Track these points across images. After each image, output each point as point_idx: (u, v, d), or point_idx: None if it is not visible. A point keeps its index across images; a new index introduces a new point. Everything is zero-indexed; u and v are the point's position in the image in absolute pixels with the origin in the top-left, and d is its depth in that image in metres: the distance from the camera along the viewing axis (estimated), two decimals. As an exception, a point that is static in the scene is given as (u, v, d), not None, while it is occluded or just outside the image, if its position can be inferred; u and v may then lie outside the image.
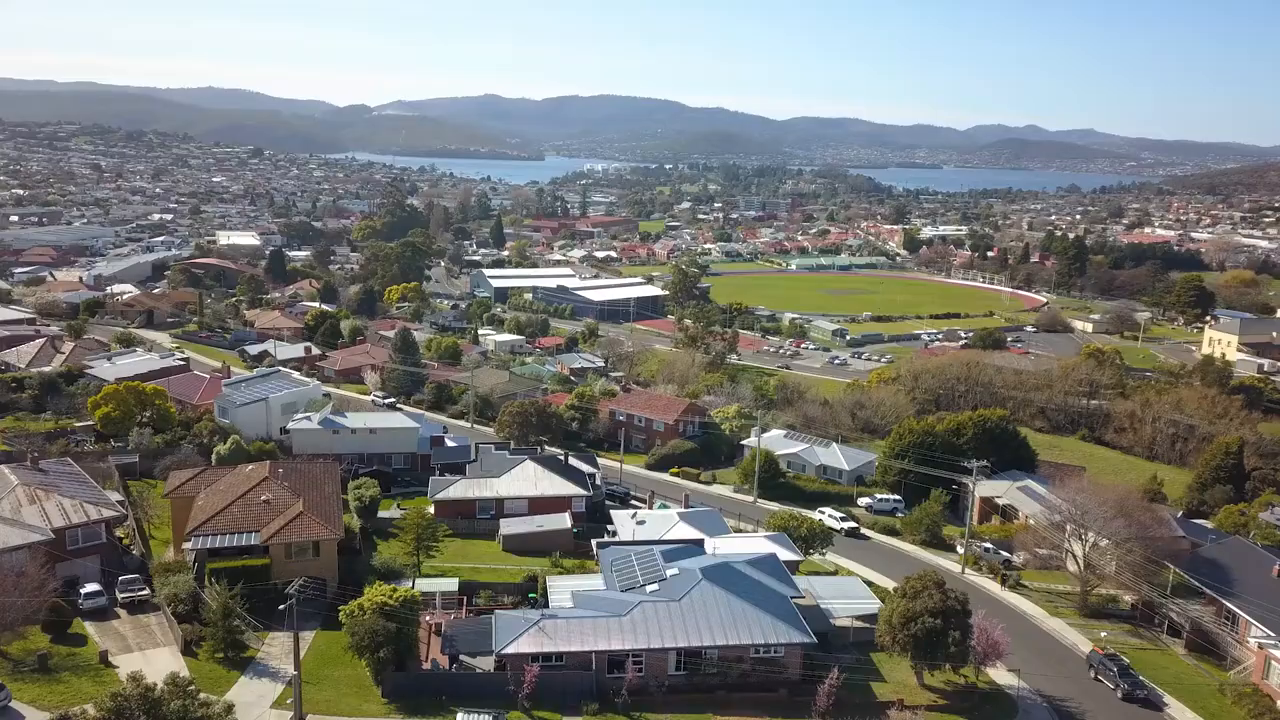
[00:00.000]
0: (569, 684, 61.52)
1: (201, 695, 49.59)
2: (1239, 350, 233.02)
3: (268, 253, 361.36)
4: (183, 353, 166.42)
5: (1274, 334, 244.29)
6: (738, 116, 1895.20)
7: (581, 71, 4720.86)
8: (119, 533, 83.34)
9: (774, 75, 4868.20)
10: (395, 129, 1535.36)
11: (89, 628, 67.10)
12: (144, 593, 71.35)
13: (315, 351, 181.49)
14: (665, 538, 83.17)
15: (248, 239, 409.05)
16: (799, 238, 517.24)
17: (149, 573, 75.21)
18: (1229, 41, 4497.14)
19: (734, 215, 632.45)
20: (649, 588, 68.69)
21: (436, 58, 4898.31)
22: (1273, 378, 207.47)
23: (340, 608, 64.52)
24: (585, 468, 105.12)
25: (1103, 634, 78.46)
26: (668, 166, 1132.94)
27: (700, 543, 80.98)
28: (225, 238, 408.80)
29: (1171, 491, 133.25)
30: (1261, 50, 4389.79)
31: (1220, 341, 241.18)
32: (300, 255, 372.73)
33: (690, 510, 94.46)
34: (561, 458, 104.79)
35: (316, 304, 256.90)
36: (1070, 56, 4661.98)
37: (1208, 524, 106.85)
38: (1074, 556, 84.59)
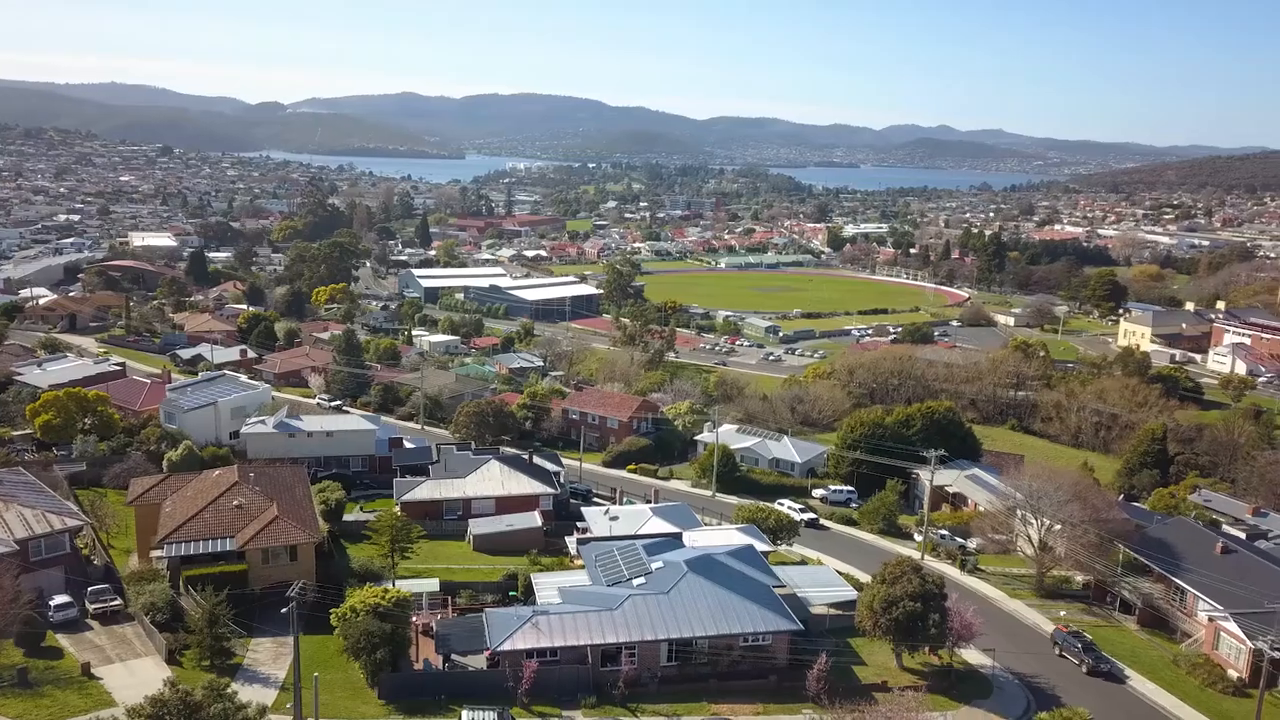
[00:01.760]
0: (565, 678, 62.16)
1: (238, 698, 48.84)
2: (1152, 341, 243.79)
3: (186, 254, 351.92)
4: (112, 358, 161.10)
5: (1183, 325, 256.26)
6: (659, 116, 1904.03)
7: (501, 69, 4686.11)
8: (77, 542, 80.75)
9: (694, 75, 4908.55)
10: (310, 127, 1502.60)
11: (62, 640, 65.20)
12: (116, 603, 69.51)
13: (251, 354, 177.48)
14: (641, 532, 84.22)
15: (163, 240, 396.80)
16: (726, 236, 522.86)
17: (116, 582, 73.29)
18: (1124, 47, 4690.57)
19: (660, 214, 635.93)
20: (636, 581, 69.69)
21: (352, 54, 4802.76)
22: (1185, 367, 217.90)
23: (332, 610, 63.94)
24: (550, 466, 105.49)
25: (1061, 613, 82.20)
26: (591, 165, 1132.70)
27: (678, 536, 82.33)
28: (139, 239, 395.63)
29: (1101, 477, 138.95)
30: (1155, 56, 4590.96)
31: (1134, 333, 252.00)
32: (221, 257, 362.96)
33: (661, 505, 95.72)
34: (526, 457, 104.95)
35: (244, 306, 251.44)
36: (979, 59, 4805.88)
37: (1144, 507, 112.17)
38: (1030, 540, 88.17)
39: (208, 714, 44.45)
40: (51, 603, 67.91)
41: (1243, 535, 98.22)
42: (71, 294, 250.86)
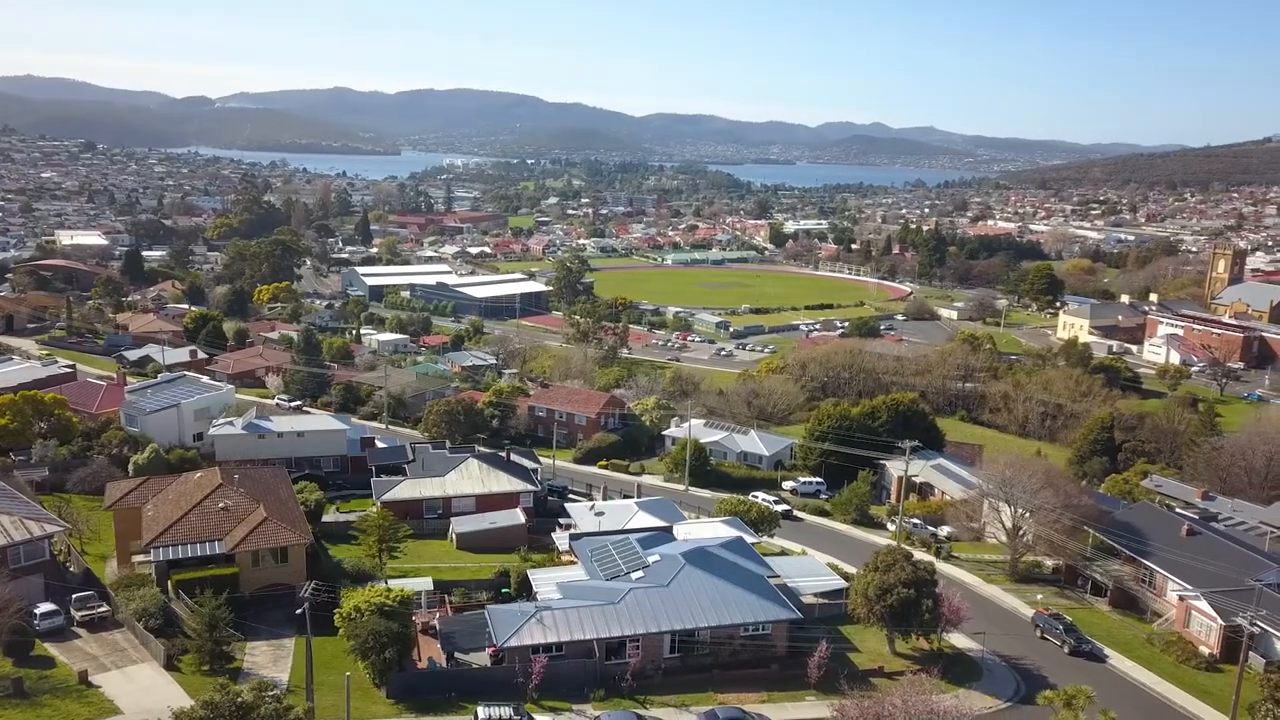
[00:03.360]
0: (572, 672, 62.43)
1: (285, 699, 48.14)
2: (1090, 333, 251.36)
3: (118, 253, 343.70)
4: (59, 360, 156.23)
5: (1119, 318, 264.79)
6: (596, 112, 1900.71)
7: (437, 65, 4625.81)
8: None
9: (631, 72, 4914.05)
10: (240, 122, 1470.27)
11: (51, 649, 63.48)
12: (103, 610, 67.85)
13: (202, 355, 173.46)
14: (628, 527, 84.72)
15: (93, 239, 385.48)
16: (670, 233, 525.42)
17: (98, 588, 71.56)
18: (1049, 49, 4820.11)
19: (604, 211, 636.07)
20: (634, 575, 70.21)
21: (282, 48, 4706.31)
22: (1123, 358, 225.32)
23: (336, 611, 63.25)
24: (528, 463, 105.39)
25: (1038, 596, 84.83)
26: (529, 162, 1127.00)
27: (669, 530, 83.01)
28: (68, 237, 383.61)
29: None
30: (1079, 58, 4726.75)
31: (1073, 325, 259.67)
32: (155, 255, 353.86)
33: (646, 500, 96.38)
34: (503, 455, 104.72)
35: (185, 306, 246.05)
36: (911, 57, 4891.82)
37: (1104, 493, 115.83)
38: (1003, 527, 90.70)
39: (259, 715, 43.85)
40: (37, 611, 66.01)
41: (1194, 518, 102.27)
42: (2, 294, 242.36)
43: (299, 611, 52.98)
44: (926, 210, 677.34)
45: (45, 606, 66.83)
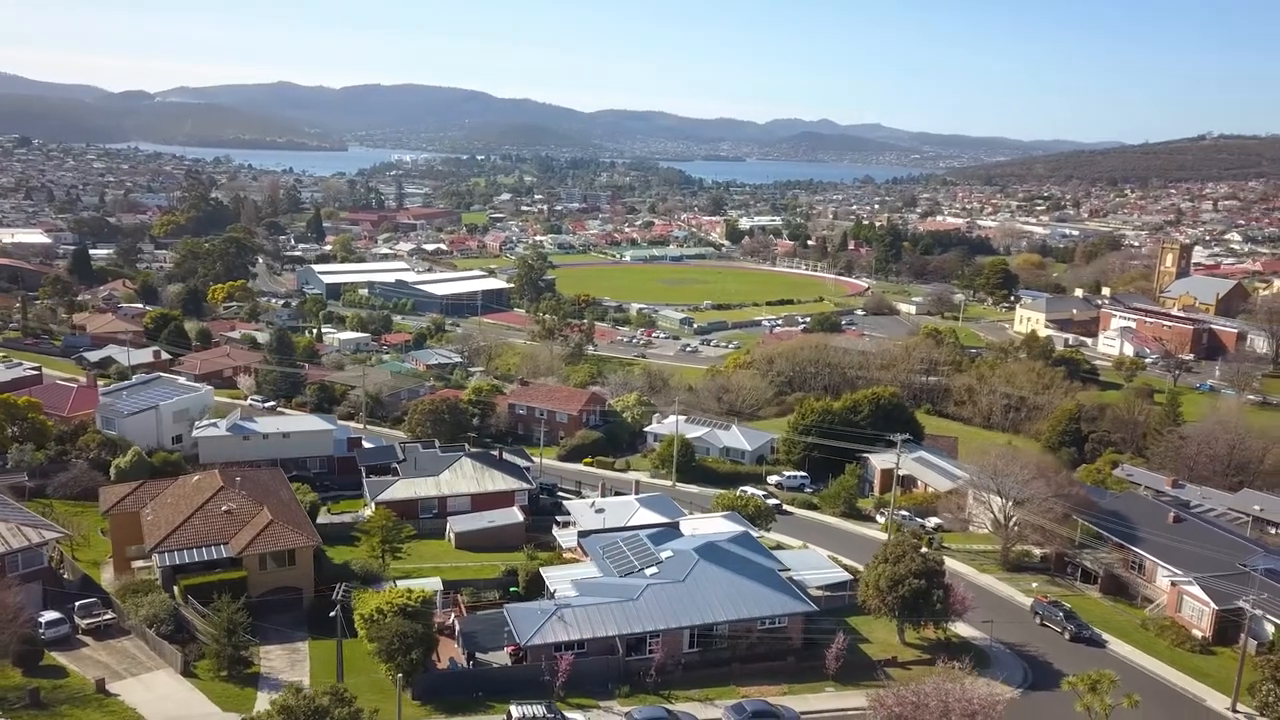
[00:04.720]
0: (595, 669, 62.53)
1: (356, 704, 47.40)
2: (1046, 327, 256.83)
3: (62, 250, 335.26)
4: (20, 362, 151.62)
5: (1074, 311, 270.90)
6: (546, 108, 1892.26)
7: (383, 59, 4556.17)
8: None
9: (580, 68, 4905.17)
10: (180, 117, 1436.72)
11: (60, 658, 61.88)
12: (108, 617, 66.31)
13: (166, 356, 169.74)
14: (630, 524, 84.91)
15: (34, 237, 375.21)
16: (626, 229, 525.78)
17: (98, 595, 69.91)
18: (991, 48, 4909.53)
19: (558, 207, 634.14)
20: (648, 571, 70.46)
21: (222, 41, 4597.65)
22: (1080, 350, 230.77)
23: (358, 613, 62.53)
24: (521, 461, 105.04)
25: (1033, 585, 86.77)
26: (479, 158, 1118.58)
27: (675, 525, 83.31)
28: (8, 235, 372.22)
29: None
30: (1019, 56, 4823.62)
31: (1030, 319, 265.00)
32: (102, 254, 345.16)
33: (645, 496, 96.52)
34: (496, 453, 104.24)
35: (139, 305, 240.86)
36: (857, 55, 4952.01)
37: (1086, 483, 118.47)
38: (995, 518, 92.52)
39: (334, 718, 43.22)
40: (41, 619, 64.31)
41: (1177, 505, 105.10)
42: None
43: (331, 615, 52.35)
44: (877, 206, 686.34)
45: (50, 615, 65.12)
